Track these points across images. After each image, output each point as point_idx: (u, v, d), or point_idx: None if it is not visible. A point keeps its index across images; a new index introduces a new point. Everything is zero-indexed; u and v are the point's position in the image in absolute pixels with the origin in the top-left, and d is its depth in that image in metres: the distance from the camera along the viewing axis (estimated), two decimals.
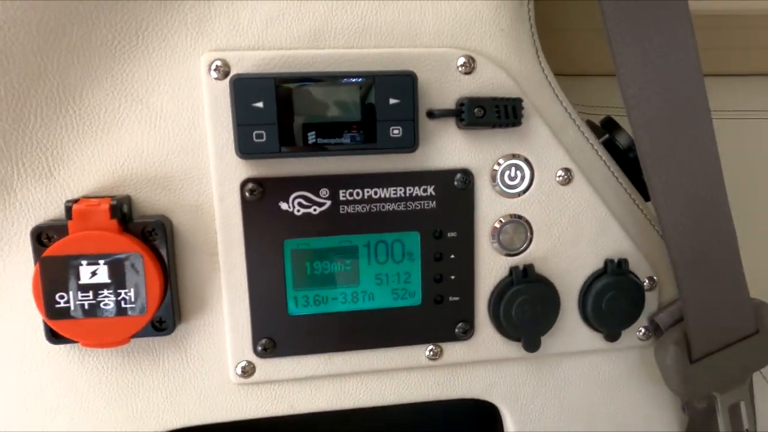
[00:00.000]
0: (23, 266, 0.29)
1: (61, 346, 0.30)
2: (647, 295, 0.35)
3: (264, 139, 0.29)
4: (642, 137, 0.31)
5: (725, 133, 0.53)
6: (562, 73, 0.52)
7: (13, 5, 0.26)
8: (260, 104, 0.28)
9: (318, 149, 0.29)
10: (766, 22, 0.51)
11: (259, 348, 0.32)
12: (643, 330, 0.36)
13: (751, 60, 0.54)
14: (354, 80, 0.29)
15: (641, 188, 0.36)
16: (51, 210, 0.29)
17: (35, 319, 0.30)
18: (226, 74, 0.29)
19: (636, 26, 0.29)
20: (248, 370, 0.32)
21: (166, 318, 0.30)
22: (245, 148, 0.29)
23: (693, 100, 0.30)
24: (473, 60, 0.31)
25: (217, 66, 0.29)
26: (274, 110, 0.28)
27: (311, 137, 0.29)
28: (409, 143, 0.30)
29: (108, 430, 0.32)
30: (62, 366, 0.31)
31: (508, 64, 0.32)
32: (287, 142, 0.29)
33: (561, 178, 0.33)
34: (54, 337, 0.29)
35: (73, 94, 0.28)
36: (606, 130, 0.38)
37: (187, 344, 0.32)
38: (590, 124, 0.40)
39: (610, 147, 0.37)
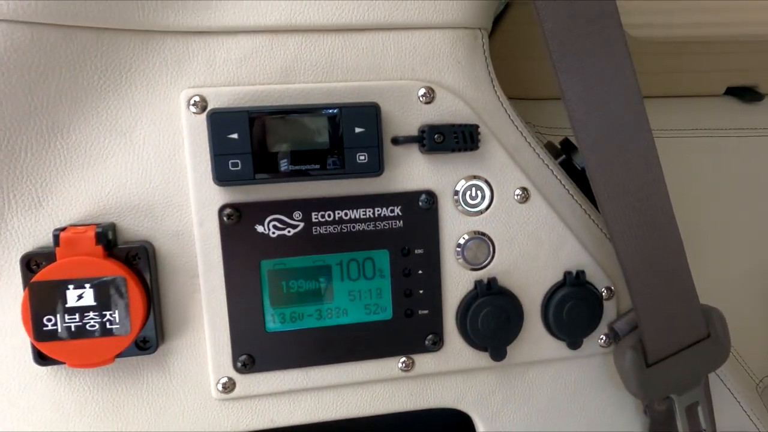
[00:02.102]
0: (12, 292, 0.31)
1: (48, 368, 0.32)
2: (606, 304, 0.38)
3: (239, 168, 0.31)
4: (589, 156, 0.33)
5: (672, 151, 0.57)
6: (526, 97, 0.56)
7: (6, 52, 0.28)
8: (235, 135, 0.31)
9: (290, 175, 0.32)
10: (708, 47, 0.55)
11: (239, 364, 0.34)
12: (603, 338, 0.38)
13: (694, 82, 0.58)
14: (323, 112, 0.31)
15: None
16: (39, 238, 0.31)
17: (23, 342, 0.31)
18: (203, 108, 0.31)
19: (577, 55, 0.32)
20: (229, 386, 0.34)
21: (149, 338, 0.32)
22: (222, 176, 0.31)
23: (633, 120, 0.33)
24: (433, 90, 0.34)
25: (195, 101, 0.31)
26: (248, 141, 0.31)
27: (284, 164, 0.31)
28: (375, 168, 0.32)
29: None
30: (49, 388, 0.32)
31: (465, 94, 0.34)
32: (261, 169, 0.31)
33: (519, 196, 0.36)
34: (41, 359, 0.31)
35: (61, 130, 0.30)
36: (564, 152, 0.41)
37: (170, 362, 0.33)
38: (550, 146, 0.43)
39: (568, 167, 0.40)
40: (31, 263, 0.30)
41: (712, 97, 0.60)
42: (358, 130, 0.32)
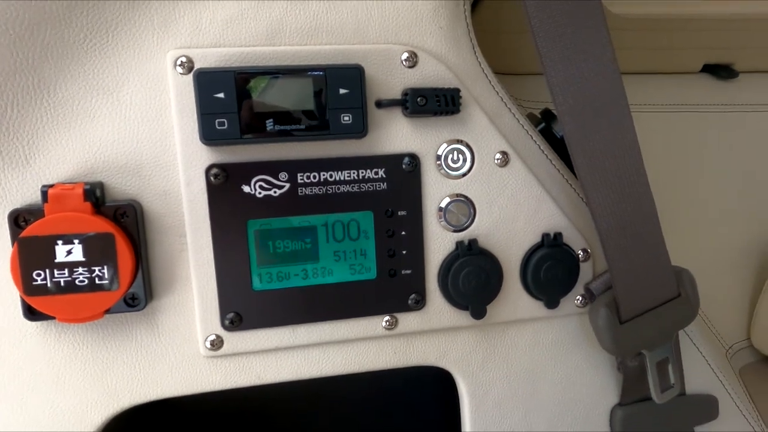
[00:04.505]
0: (1, 248, 0.31)
1: (38, 323, 0.32)
2: (582, 266, 0.39)
3: (226, 127, 0.31)
4: (566, 123, 0.35)
5: (649, 125, 0.58)
6: (507, 72, 0.57)
7: None
8: (221, 95, 0.31)
9: (276, 136, 0.32)
10: (685, 24, 0.57)
11: (227, 322, 0.34)
12: (580, 298, 0.40)
13: (672, 59, 0.59)
14: (308, 73, 0.32)
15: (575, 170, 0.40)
16: (27, 196, 0.31)
17: (12, 298, 0.32)
18: (190, 69, 0.32)
19: (556, 24, 0.33)
20: (217, 344, 0.35)
21: (138, 295, 0.33)
22: (209, 135, 0.31)
23: (609, 87, 0.34)
24: (415, 55, 0.34)
25: (182, 62, 0.31)
26: (235, 100, 0.31)
27: (269, 124, 0.32)
28: (359, 129, 0.33)
29: (84, 405, 0.34)
30: (39, 343, 0.33)
31: (447, 58, 0.35)
32: (247, 129, 0.32)
33: (499, 160, 0.37)
34: (31, 314, 0.31)
35: (47, 88, 0.30)
36: (543, 120, 0.42)
37: (159, 320, 0.34)
38: (531, 116, 0.44)
39: (548, 135, 0.41)
40: (19, 219, 0.30)
41: (689, 74, 0.61)
42: (342, 91, 0.33)
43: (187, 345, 0.35)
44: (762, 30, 0.59)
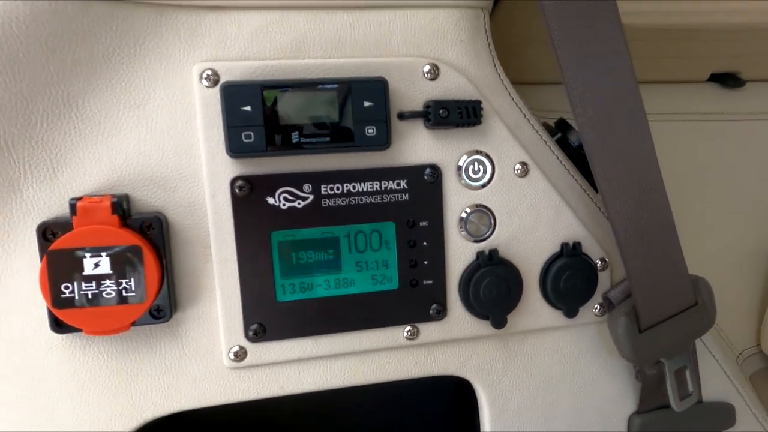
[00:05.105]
0: (28, 261, 0.31)
1: (64, 336, 0.32)
2: (600, 274, 0.39)
3: (252, 139, 0.32)
4: (586, 133, 0.35)
5: (657, 133, 0.59)
6: (520, 81, 0.57)
7: (26, 21, 0.29)
8: (248, 108, 0.31)
9: (301, 148, 0.33)
10: (693, 34, 0.57)
11: (250, 333, 0.34)
12: (598, 307, 0.40)
13: (680, 68, 0.60)
14: (332, 86, 0.32)
15: (591, 180, 0.40)
16: (54, 208, 0.31)
17: (39, 310, 0.32)
18: (215, 82, 0.32)
19: (576, 35, 0.34)
20: (240, 355, 0.35)
21: (163, 306, 0.33)
22: (235, 148, 0.32)
23: (628, 98, 0.35)
24: (437, 67, 0.35)
25: (207, 75, 0.32)
26: (261, 113, 0.32)
27: (295, 137, 0.32)
28: (383, 141, 0.34)
29: (109, 417, 0.34)
30: (64, 355, 0.33)
31: (468, 71, 0.36)
32: (273, 142, 0.32)
33: (519, 171, 0.37)
34: (58, 326, 0.31)
35: (76, 101, 0.31)
36: (559, 130, 0.42)
37: (183, 331, 0.34)
38: (546, 126, 0.44)
39: (564, 145, 0.41)
40: (47, 232, 0.31)
41: (697, 82, 0.62)
42: (366, 104, 0.33)
43: (211, 356, 0.35)
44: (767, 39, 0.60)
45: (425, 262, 0.37)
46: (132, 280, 0.31)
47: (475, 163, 0.36)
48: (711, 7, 0.58)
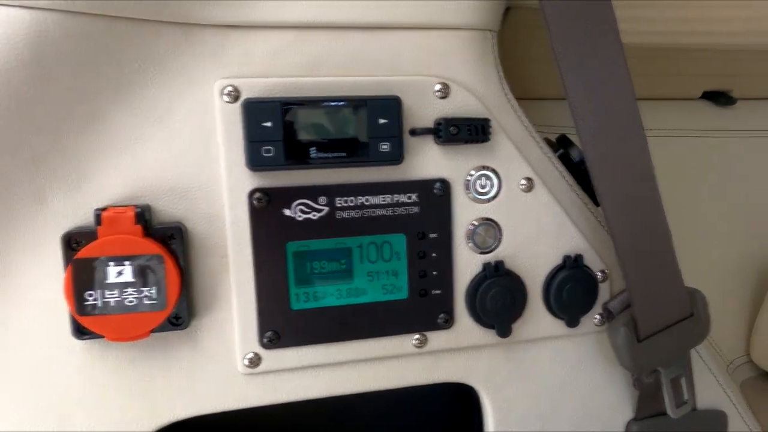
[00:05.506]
0: (52, 269, 0.32)
1: (83, 342, 0.33)
2: (600, 286, 0.41)
3: (272, 154, 0.33)
4: (589, 150, 0.37)
5: (651, 150, 0.61)
6: (521, 97, 0.59)
7: (59, 39, 0.30)
8: (269, 123, 0.33)
9: (318, 162, 0.34)
10: (685, 53, 0.60)
11: (265, 340, 0.36)
12: (598, 317, 0.42)
13: (673, 86, 0.62)
14: (349, 103, 0.34)
15: (591, 195, 0.42)
16: (77, 218, 0.32)
17: (57, 315, 0.33)
18: (236, 98, 0.33)
19: (579, 55, 0.36)
20: (255, 361, 0.36)
21: (181, 314, 0.34)
22: (255, 162, 0.33)
23: (627, 118, 0.37)
24: (447, 86, 0.36)
25: (228, 91, 0.33)
26: (281, 129, 0.33)
27: (312, 152, 0.34)
28: (396, 156, 0.35)
29: (126, 421, 0.34)
30: (84, 361, 0.34)
31: (477, 90, 0.37)
32: (292, 156, 0.33)
33: (524, 186, 0.39)
34: (80, 333, 0.32)
35: (103, 116, 0.32)
36: (561, 146, 0.44)
37: (199, 338, 0.35)
38: (548, 141, 0.46)
39: (565, 160, 0.43)
40: (71, 241, 0.31)
41: (689, 100, 0.64)
42: (381, 121, 0.34)
43: (226, 362, 0.36)
44: (758, 60, 0.62)
45: (434, 273, 0.38)
46: (153, 288, 0.32)
47: (483, 178, 0.38)
48: (704, 28, 0.60)
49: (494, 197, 0.38)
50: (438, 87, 0.36)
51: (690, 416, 0.43)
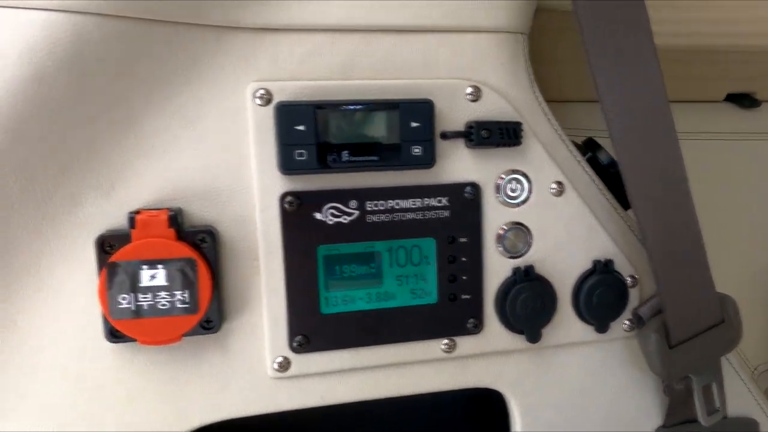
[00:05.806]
0: (84, 272, 0.32)
1: (115, 345, 0.33)
2: (630, 291, 0.41)
3: (305, 157, 0.33)
4: (621, 154, 0.36)
5: (695, 151, 0.60)
6: (550, 99, 0.59)
7: (97, 42, 0.30)
8: (302, 127, 0.33)
9: (350, 166, 0.34)
10: (709, 55, 0.59)
11: (295, 344, 0.35)
12: (627, 323, 0.41)
13: (697, 88, 0.62)
14: (382, 107, 0.34)
15: (620, 199, 0.41)
16: (110, 221, 0.32)
17: (90, 318, 0.33)
18: (268, 101, 0.33)
19: (612, 60, 0.35)
20: (284, 365, 0.35)
21: (212, 318, 0.34)
22: (288, 165, 0.33)
23: (660, 120, 0.36)
24: (479, 89, 0.36)
25: (261, 94, 0.33)
26: (314, 132, 0.33)
27: (345, 155, 0.34)
28: (428, 160, 0.35)
29: (156, 425, 0.34)
30: (116, 363, 0.33)
31: (508, 93, 0.37)
32: (324, 159, 0.33)
33: (554, 190, 0.38)
34: (113, 336, 0.32)
35: (136, 119, 0.32)
36: (588, 149, 0.44)
37: (230, 342, 0.35)
38: (575, 145, 0.46)
39: (593, 164, 0.43)
40: (105, 244, 0.31)
41: (713, 102, 0.64)
42: (413, 124, 0.34)
43: (256, 366, 0.35)
44: None
45: (464, 277, 0.38)
46: (186, 292, 0.32)
47: (513, 182, 0.38)
48: (727, 29, 0.59)
49: (524, 201, 0.38)
50: (469, 90, 0.36)
51: (721, 424, 0.42)
